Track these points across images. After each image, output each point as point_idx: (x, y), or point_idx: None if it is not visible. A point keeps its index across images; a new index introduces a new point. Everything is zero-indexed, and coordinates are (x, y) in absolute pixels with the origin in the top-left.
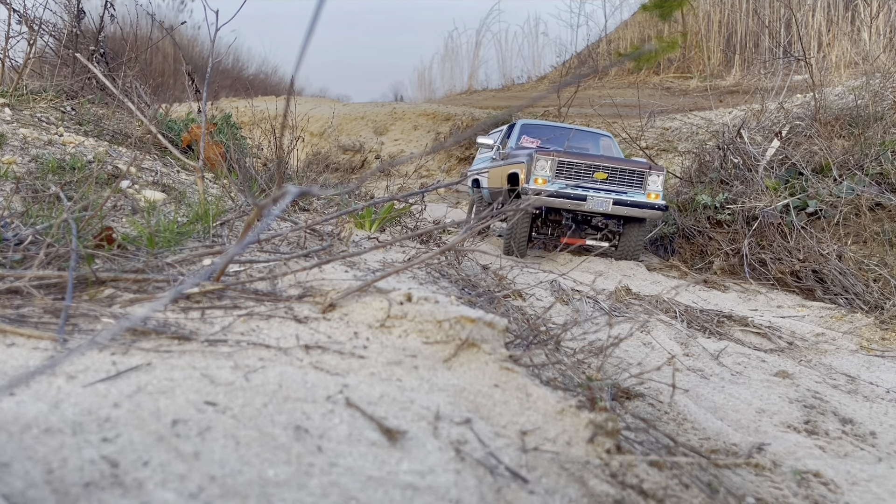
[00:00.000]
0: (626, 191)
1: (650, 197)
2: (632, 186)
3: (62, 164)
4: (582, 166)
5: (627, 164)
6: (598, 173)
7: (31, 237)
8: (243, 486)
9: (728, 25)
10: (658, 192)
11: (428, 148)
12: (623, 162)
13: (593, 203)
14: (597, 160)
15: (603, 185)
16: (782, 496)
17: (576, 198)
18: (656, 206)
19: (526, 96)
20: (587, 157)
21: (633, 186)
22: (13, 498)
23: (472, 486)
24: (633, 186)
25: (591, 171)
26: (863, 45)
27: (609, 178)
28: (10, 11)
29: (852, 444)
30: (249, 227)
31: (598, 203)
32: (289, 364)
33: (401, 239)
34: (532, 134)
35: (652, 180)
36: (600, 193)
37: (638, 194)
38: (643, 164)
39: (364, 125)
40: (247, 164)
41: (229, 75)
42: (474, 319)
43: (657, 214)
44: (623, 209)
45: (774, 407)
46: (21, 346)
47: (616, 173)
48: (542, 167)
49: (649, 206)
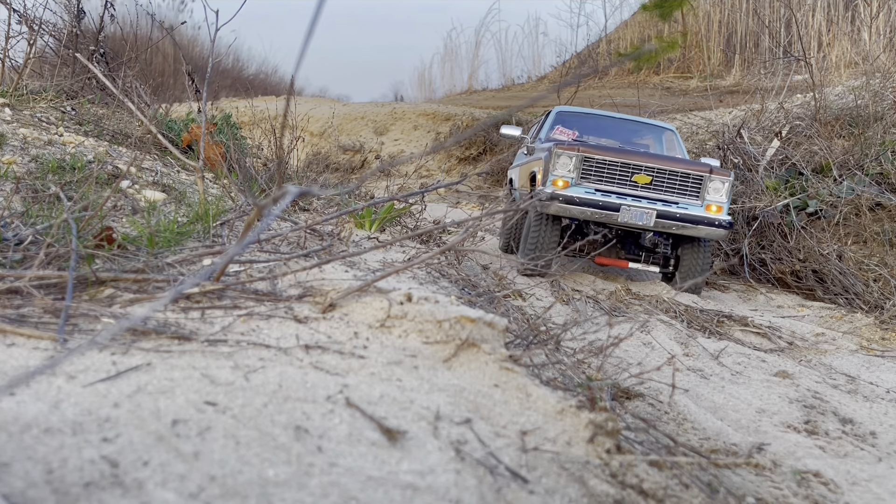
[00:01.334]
0: (676, 200)
1: (709, 210)
2: (685, 195)
3: (62, 164)
4: (617, 166)
5: (679, 165)
6: (639, 176)
7: (31, 237)
8: (243, 486)
9: (728, 25)
10: (721, 204)
11: (428, 148)
12: (673, 162)
13: (629, 215)
14: (636, 158)
15: (646, 192)
16: (782, 496)
17: (604, 207)
18: (716, 223)
19: (526, 96)
20: (623, 155)
21: (686, 195)
22: (13, 498)
23: (472, 486)
24: (687, 195)
25: (630, 172)
26: (863, 45)
27: (654, 183)
28: (10, 11)
29: (852, 444)
30: (249, 227)
31: (635, 215)
32: (289, 364)
33: (401, 239)
34: (569, 123)
35: (713, 187)
36: (640, 203)
37: (693, 205)
38: (701, 166)
39: (364, 125)
40: (247, 164)
41: (229, 75)
42: (474, 319)
43: (717, 234)
44: (670, 225)
45: (774, 407)
46: (21, 346)
47: (663, 177)
48: (564, 165)
49: (706, 221)
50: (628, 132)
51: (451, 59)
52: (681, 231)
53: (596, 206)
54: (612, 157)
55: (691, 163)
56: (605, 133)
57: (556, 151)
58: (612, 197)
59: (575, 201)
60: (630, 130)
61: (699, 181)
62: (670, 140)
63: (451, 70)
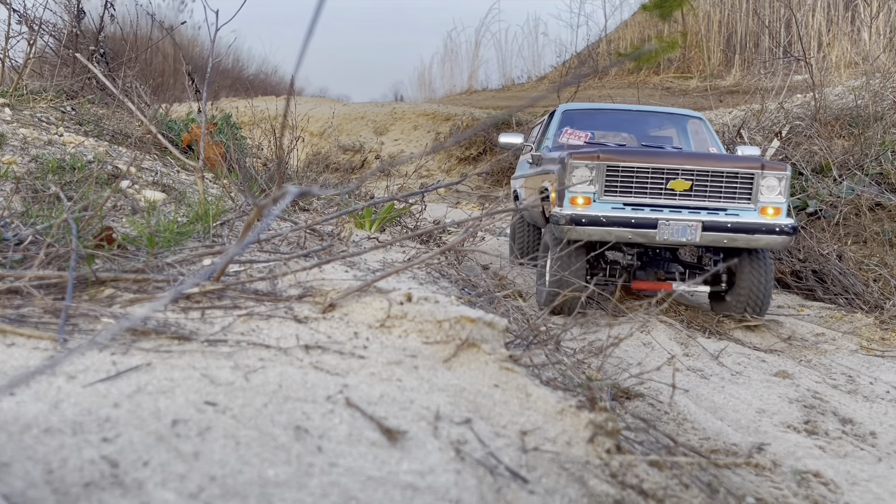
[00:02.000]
0: (724, 206)
1: (765, 213)
2: (733, 198)
3: (62, 164)
4: (648, 172)
5: (724, 164)
6: (677, 181)
7: (31, 237)
8: (243, 486)
9: (728, 25)
10: (779, 205)
11: (428, 148)
12: (715, 161)
13: (670, 231)
14: (671, 160)
15: (685, 200)
16: (782, 496)
17: (638, 224)
18: (777, 229)
19: (526, 96)
20: (655, 158)
21: (735, 198)
22: (13, 498)
23: (472, 486)
24: (737, 198)
25: (665, 178)
26: (863, 45)
27: (695, 189)
28: (10, 11)
29: (852, 444)
30: (249, 227)
31: (676, 230)
32: (289, 364)
33: (401, 239)
34: (578, 124)
35: (767, 186)
36: (681, 213)
37: (745, 210)
38: (750, 161)
39: (364, 125)
40: (247, 164)
41: (229, 75)
42: (474, 319)
43: (779, 242)
44: (720, 238)
45: (774, 407)
46: (21, 346)
47: (706, 179)
48: (582, 178)
49: (764, 228)
50: (647, 125)
51: (451, 59)
52: (734, 243)
53: (628, 225)
54: (642, 161)
55: (738, 159)
56: (620, 129)
57: (571, 162)
58: (646, 211)
59: (601, 222)
60: (649, 123)
61: (749, 180)
62: (698, 130)
63: (451, 70)
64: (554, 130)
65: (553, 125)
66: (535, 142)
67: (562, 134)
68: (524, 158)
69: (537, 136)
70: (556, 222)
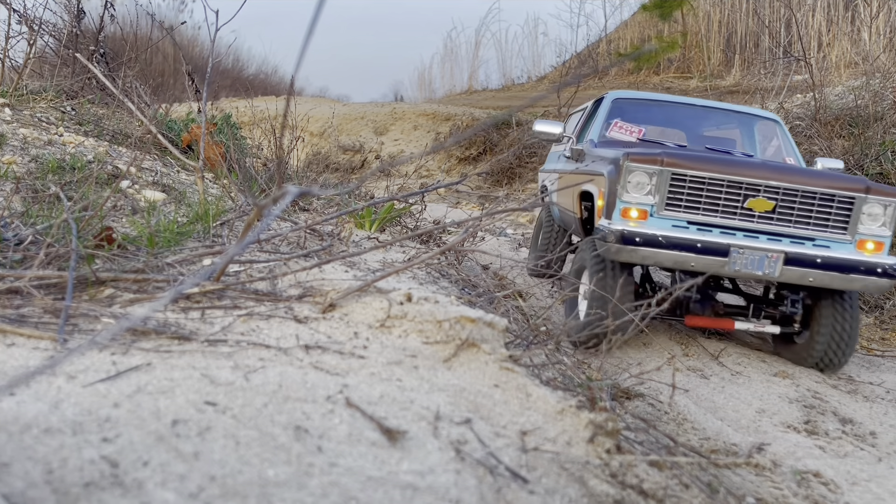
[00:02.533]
0: (811, 235)
1: (863, 248)
2: (825, 226)
3: (62, 164)
4: (723, 185)
5: (817, 181)
6: (757, 200)
7: (31, 237)
8: (243, 486)
9: (728, 25)
10: (881, 240)
11: (428, 148)
12: (809, 176)
13: (743, 261)
14: (753, 173)
15: (765, 224)
16: (782, 496)
17: (707, 249)
18: (878, 269)
19: (526, 96)
20: (734, 167)
21: (827, 226)
22: (13, 498)
23: (472, 486)
24: (829, 226)
25: (742, 195)
26: (863, 45)
27: (779, 210)
28: (10, 11)
29: (852, 444)
30: (249, 227)
31: (753, 261)
32: (289, 364)
33: (401, 239)
34: (631, 115)
35: (869, 214)
36: (758, 240)
37: (838, 242)
38: (852, 182)
39: (364, 125)
40: (247, 164)
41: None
42: (474, 319)
43: (879, 285)
44: (805, 275)
45: (774, 407)
46: (21, 346)
47: (793, 200)
48: (640, 186)
49: (862, 267)
50: (707, 123)
51: (451, 59)
52: (822, 283)
53: (692, 250)
54: (716, 171)
55: (834, 177)
56: (677, 126)
57: (628, 165)
58: (715, 233)
59: (659, 243)
60: (710, 121)
61: (848, 205)
62: (770, 135)
63: (451, 70)
64: (601, 122)
65: (600, 115)
66: (575, 132)
67: (610, 127)
68: (559, 151)
69: (577, 126)
70: (601, 239)
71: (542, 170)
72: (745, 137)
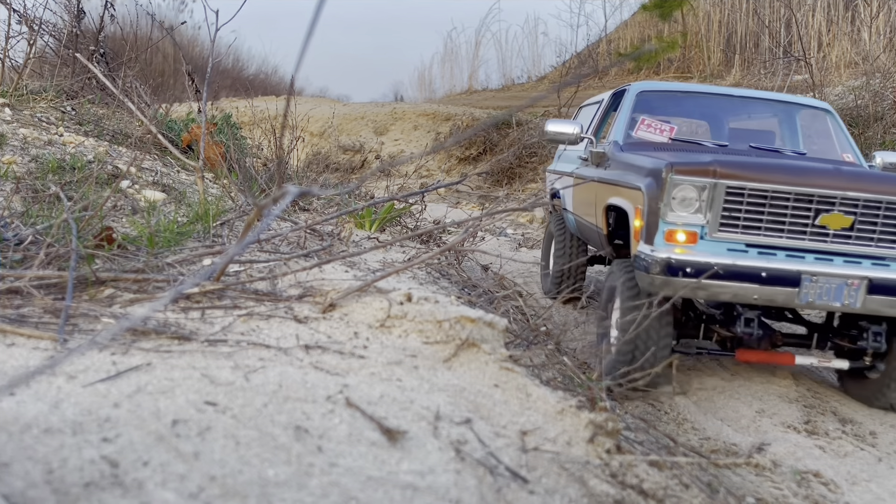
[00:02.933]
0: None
1: None
2: None
3: (62, 164)
4: (789, 199)
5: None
6: (832, 216)
7: (31, 237)
8: (243, 486)
9: (728, 25)
10: None
11: (428, 148)
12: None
13: (817, 290)
14: (829, 181)
15: (841, 243)
16: (782, 496)
17: (773, 279)
18: None
19: (526, 96)
20: (804, 176)
21: None
22: (13, 498)
23: (472, 486)
24: None
25: (814, 209)
26: (863, 45)
27: (857, 226)
28: (10, 11)
29: (852, 444)
30: (249, 227)
31: (829, 290)
32: (289, 364)
33: (401, 239)
34: (660, 110)
35: None
36: (832, 263)
37: None
38: None
39: (364, 125)
40: (247, 164)
41: (229, 75)
42: (474, 319)
43: None
44: (893, 303)
45: (774, 407)
46: (21, 346)
47: (876, 213)
48: (688, 203)
49: None
50: (742, 116)
51: (451, 59)
52: None
53: (756, 279)
54: (784, 182)
55: None
56: (708, 120)
57: (673, 179)
58: (780, 257)
59: (715, 273)
60: (747, 113)
61: None
62: (821, 129)
63: (451, 70)
64: (625, 119)
65: (623, 112)
66: (591, 131)
67: (637, 125)
68: (573, 152)
69: (592, 123)
70: (642, 268)
71: (549, 170)
72: (792, 131)
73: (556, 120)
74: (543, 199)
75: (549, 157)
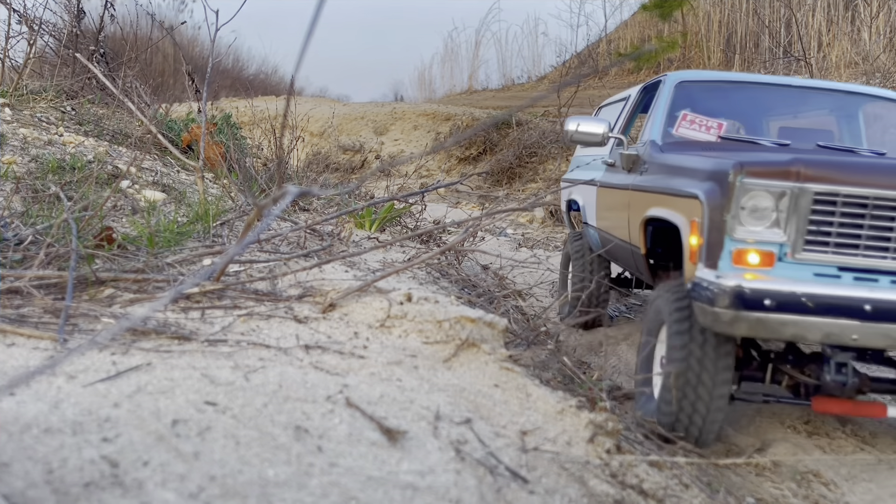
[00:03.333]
0: None
1: None
2: None
3: (62, 164)
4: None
5: None
6: None
7: (31, 237)
8: (243, 486)
9: (728, 25)
10: None
11: (428, 148)
12: None
13: None
14: None
15: None
16: (782, 496)
17: (878, 313)
18: None
19: (526, 96)
20: None
21: None
22: (13, 498)
23: (472, 486)
24: None
25: None
26: (863, 45)
27: None
28: (10, 11)
29: (852, 444)
30: (249, 227)
31: None
32: (289, 364)
33: (401, 239)
34: (703, 104)
35: None
36: None
37: None
38: None
39: (364, 125)
40: (247, 164)
41: (229, 75)
42: (474, 319)
43: None
44: None
45: (774, 407)
46: (21, 346)
47: None
48: (763, 215)
49: None
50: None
51: (451, 59)
52: None
53: (855, 314)
54: (892, 185)
55: None
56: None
57: (744, 182)
58: (884, 284)
59: (803, 306)
60: (808, 106)
61: None
62: (889, 121)
63: (451, 70)
64: (661, 115)
65: (659, 107)
66: (619, 129)
67: (678, 122)
68: (595, 155)
69: (617, 124)
70: (703, 299)
71: (565, 178)
72: (857, 126)
73: (580, 118)
74: (543, 199)
75: (550, 157)
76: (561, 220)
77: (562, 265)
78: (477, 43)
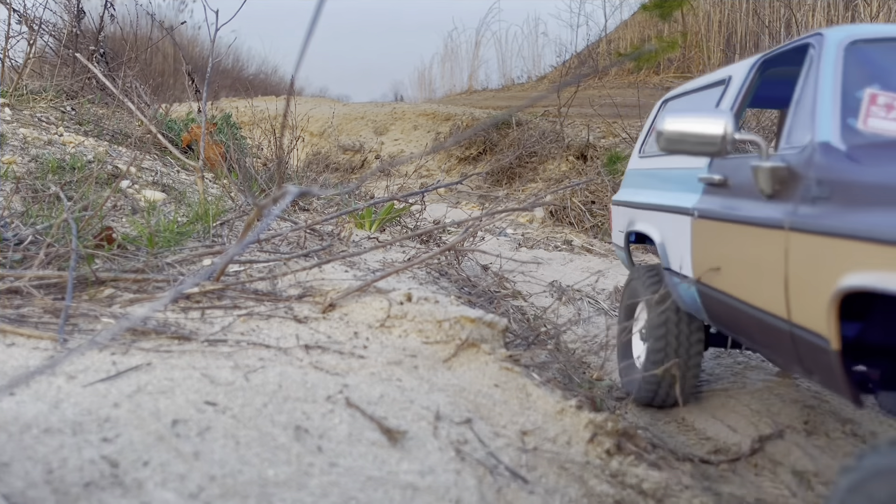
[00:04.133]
0: None
1: None
2: None
3: (62, 164)
4: None
5: None
6: None
7: (31, 237)
8: (243, 486)
9: (728, 25)
10: None
11: (428, 148)
12: None
13: None
14: None
15: None
16: (782, 496)
17: None
18: None
19: (526, 96)
20: None
21: None
22: (13, 498)
23: (472, 485)
24: None
25: None
26: None
27: None
28: (10, 11)
29: (852, 444)
30: (249, 227)
31: None
32: (289, 364)
33: (401, 239)
34: (887, 74)
35: None
36: None
37: None
38: None
39: (364, 125)
40: (247, 164)
41: (229, 75)
42: (474, 319)
43: None
44: None
45: (774, 407)
46: (21, 346)
47: None
48: None
49: None
50: None
51: (451, 59)
52: None
53: None
54: None
55: None
56: None
57: None
58: None
59: None
60: None
61: None
62: None
63: (451, 70)
64: (830, 100)
65: (821, 86)
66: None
67: (864, 108)
68: (675, 168)
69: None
70: None
71: (618, 199)
72: None
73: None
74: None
75: (550, 157)
76: (561, 219)
77: (621, 315)
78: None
